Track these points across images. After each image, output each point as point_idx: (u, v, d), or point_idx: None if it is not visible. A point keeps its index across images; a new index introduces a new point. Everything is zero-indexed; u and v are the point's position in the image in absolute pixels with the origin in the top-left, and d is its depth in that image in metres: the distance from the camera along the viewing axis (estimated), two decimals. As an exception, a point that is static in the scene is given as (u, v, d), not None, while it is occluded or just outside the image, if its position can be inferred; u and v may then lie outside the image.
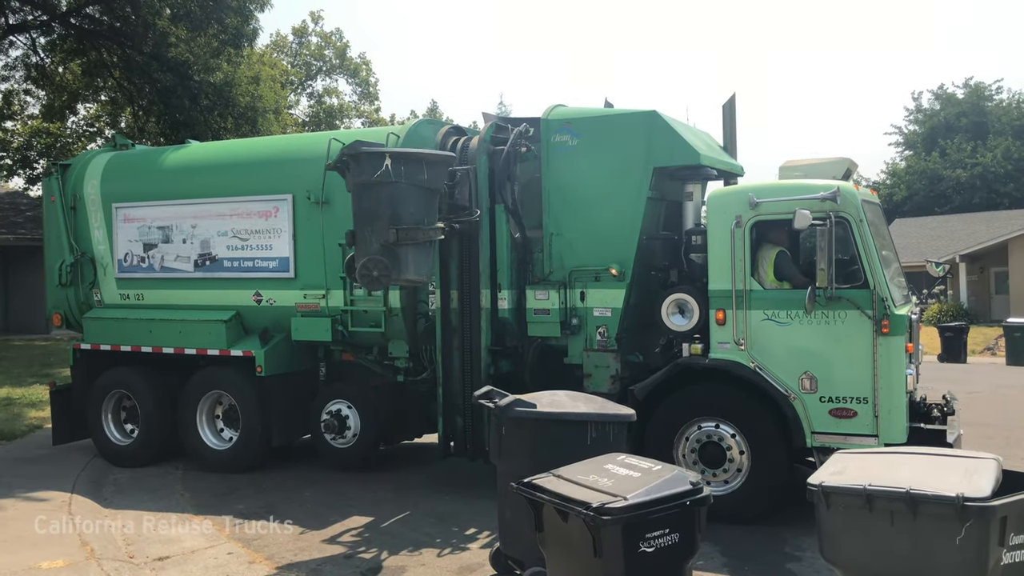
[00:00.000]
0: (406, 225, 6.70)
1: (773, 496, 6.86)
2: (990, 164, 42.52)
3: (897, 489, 3.26)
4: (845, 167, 7.57)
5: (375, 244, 6.74)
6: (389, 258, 6.74)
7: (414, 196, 6.76)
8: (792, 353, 6.75)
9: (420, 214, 6.84)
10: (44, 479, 8.54)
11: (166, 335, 9.13)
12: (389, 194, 6.66)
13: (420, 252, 6.92)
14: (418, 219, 6.81)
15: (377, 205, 6.69)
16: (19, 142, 30.26)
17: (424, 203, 6.87)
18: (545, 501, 3.97)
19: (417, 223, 6.79)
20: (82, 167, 9.95)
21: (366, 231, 6.78)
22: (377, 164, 6.58)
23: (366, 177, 6.57)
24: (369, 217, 6.75)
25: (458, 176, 7.77)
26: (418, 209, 6.82)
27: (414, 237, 6.76)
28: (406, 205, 6.74)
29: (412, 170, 6.70)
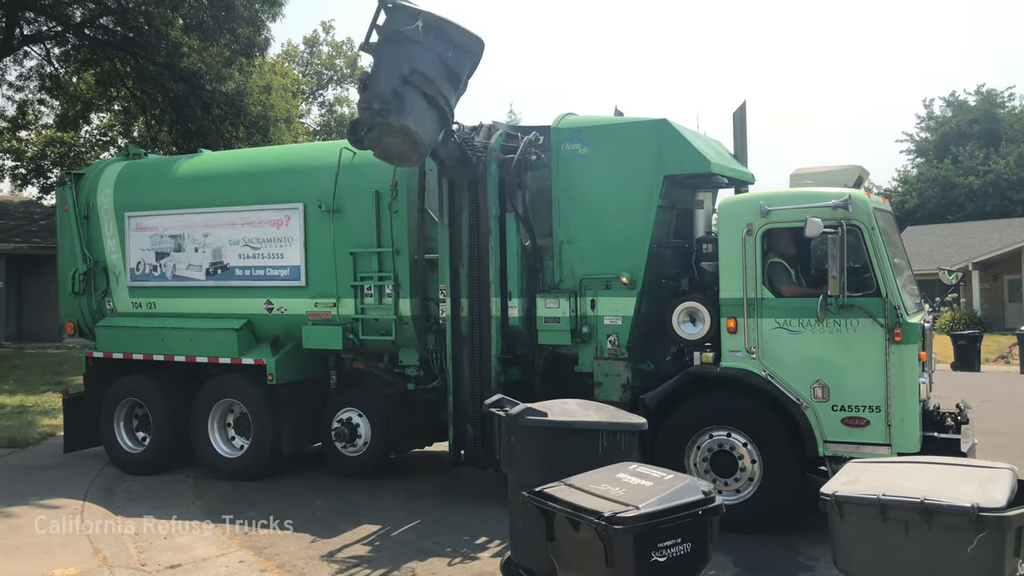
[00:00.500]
0: (422, 69, 6.59)
1: (785, 505, 6.81)
2: (1002, 171, 42.29)
3: (911, 499, 3.23)
4: (856, 175, 7.54)
5: (384, 88, 6.63)
6: (394, 101, 6.62)
7: (434, 64, 6.68)
8: (804, 361, 6.72)
9: (435, 74, 6.74)
10: (56, 486, 8.58)
11: (178, 343, 9.17)
12: (409, 51, 6.57)
13: (426, 107, 6.76)
14: (432, 76, 6.72)
15: (395, 58, 6.60)
16: (33, 151, 30.59)
17: (442, 76, 6.78)
18: (556, 510, 3.96)
19: (432, 78, 6.69)
20: (95, 176, 10.02)
21: (378, 77, 6.70)
22: (408, 21, 6.49)
23: (394, 27, 6.51)
24: (385, 67, 6.66)
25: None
26: (434, 70, 6.72)
27: (424, 86, 6.63)
28: (423, 66, 6.65)
29: (440, 41, 6.63)
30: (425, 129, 6.85)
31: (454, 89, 7.02)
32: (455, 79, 6.96)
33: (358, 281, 8.43)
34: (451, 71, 6.88)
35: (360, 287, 8.43)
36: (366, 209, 8.33)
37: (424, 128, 6.83)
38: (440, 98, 6.83)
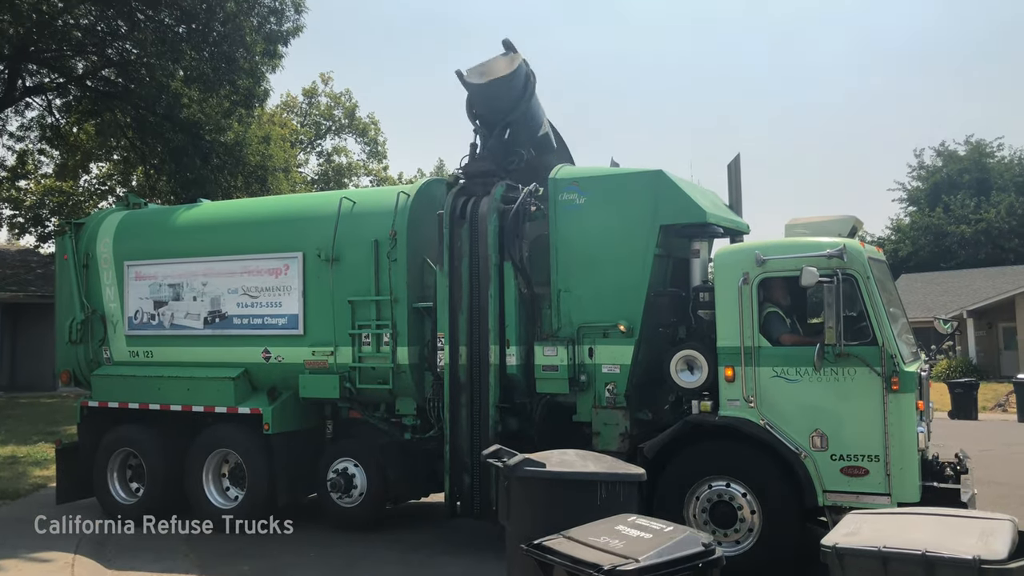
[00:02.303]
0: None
1: (785, 557, 6.75)
2: (994, 220, 42.69)
3: (913, 551, 3.22)
4: (851, 224, 7.63)
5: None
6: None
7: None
8: (802, 410, 6.72)
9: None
10: (47, 539, 8.44)
11: (174, 392, 9.13)
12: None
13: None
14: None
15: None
16: (32, 200, 30.72)
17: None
18: (555, 563, 3.92)
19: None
20: (95, 226, 10.08)
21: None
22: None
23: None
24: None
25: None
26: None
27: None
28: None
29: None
30: (519, 73, 8.21)
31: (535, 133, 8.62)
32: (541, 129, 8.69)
33: (356, 329, 8.44)
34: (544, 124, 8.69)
35: (358, 335, 8.44)
36: (365, 257, 8.39)
37: (517, 73, 8.20)
38: (531, 88, 8.47)
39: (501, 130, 8.48)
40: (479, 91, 8.33)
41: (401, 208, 8.34)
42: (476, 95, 8.44)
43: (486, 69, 8.26)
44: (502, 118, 8.44)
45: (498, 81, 8.19)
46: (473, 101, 8.55)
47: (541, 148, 8.86)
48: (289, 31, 23.03)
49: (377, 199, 8.87)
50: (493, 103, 8.41)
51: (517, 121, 8.52)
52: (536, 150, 8.80)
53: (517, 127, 8.57)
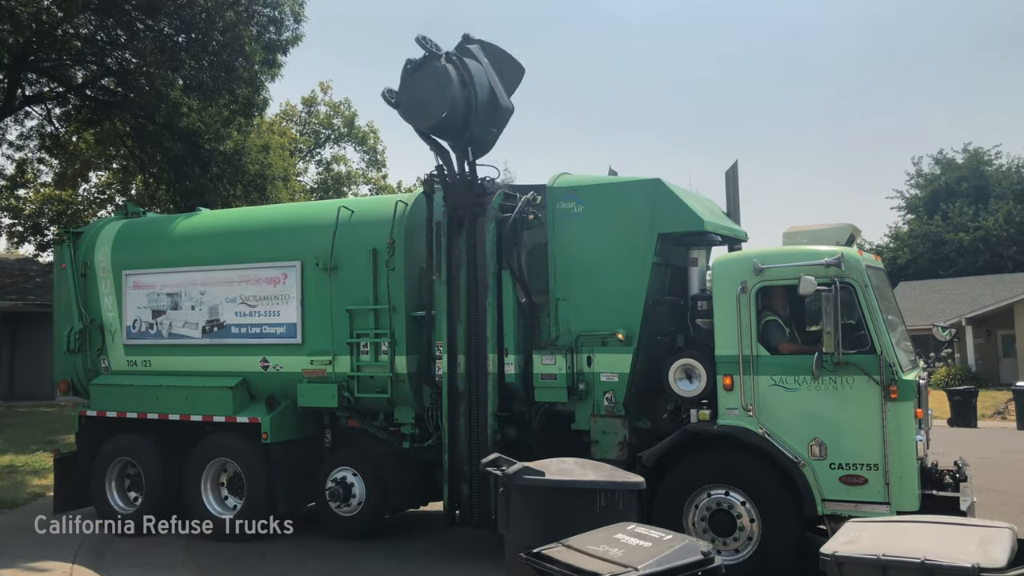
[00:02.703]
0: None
1: (785, 565, 6.74)
2: (992, 228, 42.79)
3: (912, 559, 3.21)
4: (848, 233, 7.65)
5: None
6: (444, 59, 7.49)
7: (479, 76, 7.62)
8: (801, 419, 6.72)
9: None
10: (46, 548, 8.42)
11: (172, 401, 9.12)
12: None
13: (458, 83, 7.54)
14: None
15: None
16: (31, 209, 30.73)
17: (484, 86, 7.64)
18: (555, 572, 3.91)
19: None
20: (94, 235, 10.09)
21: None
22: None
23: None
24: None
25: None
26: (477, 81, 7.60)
27: (463, 71, 7.48)
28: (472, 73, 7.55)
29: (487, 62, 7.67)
30: (449, 94, 7.48)
31: (492, 111, 7.76)
32: (495, 102, 7.74)
33: (354, 338, 8.44)
34: (494, 92, 7.65)
35: (356, 344, 8.44)
36: (363, 266, 8.40)
37: (447, 93, 7.47)
38: (472, 92, 7.53)
39: (463, 153, 8.01)
40: (410, 108, 7.71)
41: (399, 217, 8.35)
42: (410, 115, 7.78)
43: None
44: (459, 136, 7.84)
45: (424, 88, 7.57)
46: (413, 122, 7.85)
47: (500, 116, 7.97)
48: (288, 40, 23.10)
49: (375, 208, 8.88)
50: (434, 117, 7.65)
51: (476, 135, 7.86)
52: (497, 123, 7.98)
53: (478, 133, 7.85)
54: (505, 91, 7.90)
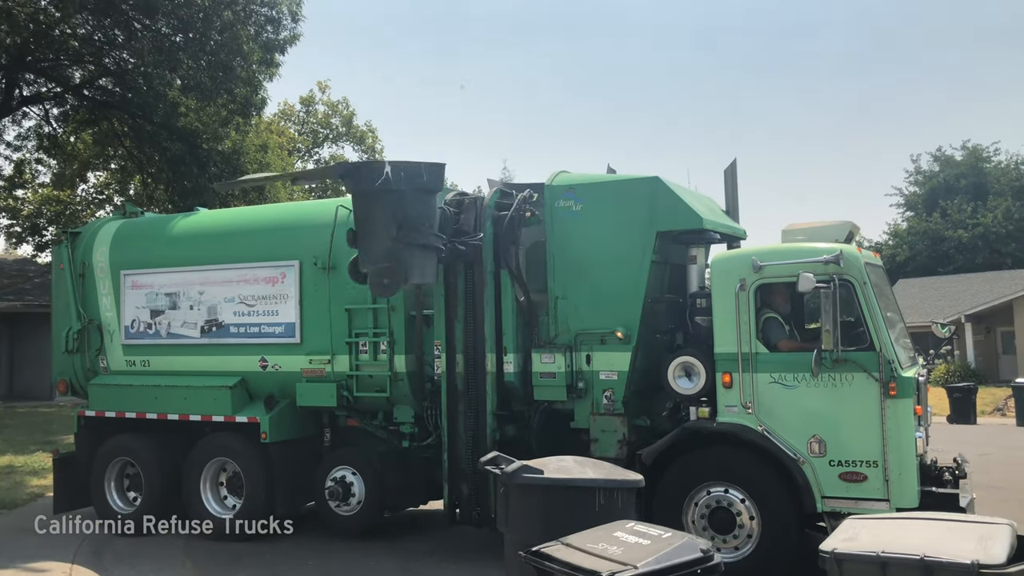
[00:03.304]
0: (409, 226, 6.83)
1: (784, 562, 6.74)
2: (991, 224, 42.80)
3: (911, 556, 3.21)
4: (847, 230, 7.64)
5: (379, 250, 6.86)
6: (395, 264, 6.89)
7: (414, 199, 6.91)
8: (800, 416, 6.71)
9: (421, 216, 6.99)
10: (45, 548, 8.42)
11: (171, 401, 9.11)
12: (390, 203, 6.78)
13: (424, 255, 7.05)
14: (419, 222, 6.96)
15: (380, 212, 6.83)
16: (29, 210, 30.70)
17: (424, 206, 7.03)
18: (554, 570, 3.91)
19: (418, 225, 6.92)
20: (92, 235, 10.08)
21: (368, 239, 6.90)
22: (377, 173, 6.73)
23: (367, 186, 6.70)
24: (372, 224, 6.87)
25: (465, 202, 7.93)
26: (419, 212, 6.98)
27: (415, 238, 6.87)
28: (408, 209, 6.89)
29: (411, 174, 6.84)
30: (428, 272, 7.34)
31: (434, 200, 7.33)
32: (433, 194, 7.30)
33: (353, 338, 8.43)
34: (429, 192, 7.19)
35: (355, 343, 8.43)
36: (362, 266, 8.37)
37: (427, 272, 7.32)
38: (432, 238, 7.16)
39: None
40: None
41: (398, 215, 8.32)
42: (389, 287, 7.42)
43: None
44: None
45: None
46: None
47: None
48: (286, 40, 23.07)
49: None
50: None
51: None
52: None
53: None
54: (433, 185, 7.33)
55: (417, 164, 6.93)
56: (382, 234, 6.82)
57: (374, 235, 6.89)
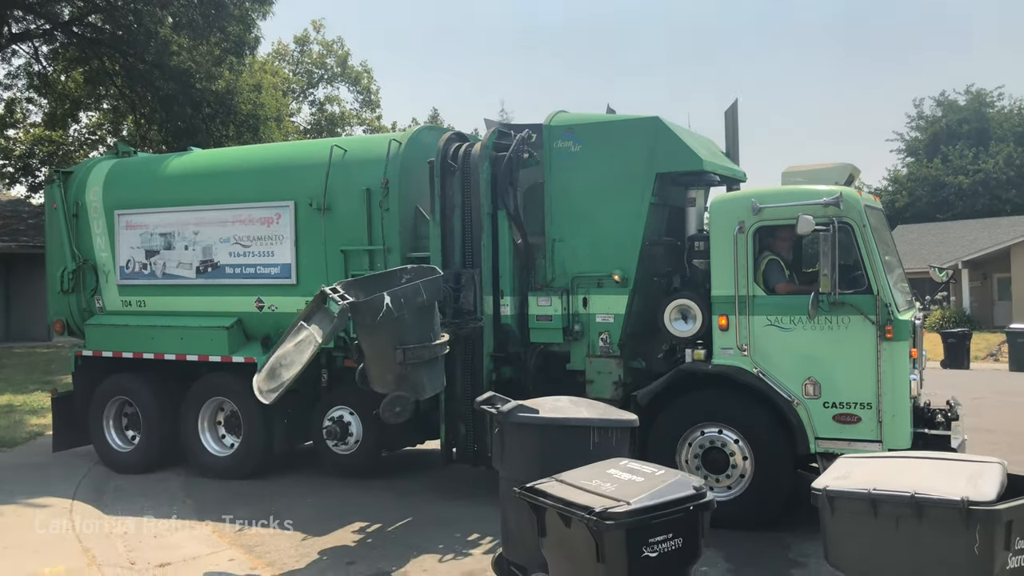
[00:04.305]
0: (413, 346, 6.73)
1: (777, 502, 6.83)
2: (992, 170, 42.53)
3: (902, 493, 3.24)
4: (848, 172, 7.56)
5: (388, 375, 6.82)
6: (405, 388, 6.85)
7: (416, 320, 6.82)
8: (795, 359, 6.73)
9: (425, 333, 6.88)
10: (45, 485, 8.52)
11: (168, 342, 9.12)
12: (392, 329, 6.69)
13: (431, 369, 6.99)
14: (424, 338, 6.85)
15: (384, 343, 6.73)
16: (21, 150, 30.42)
17: (426, 321, 6.93)
18: (548, 506, 3.95)
19: (423, 342, 6.83)
20: (84, 174, 9.96)
21: (375, 364, 6.85)
22: (377, 307, 6.59)
23: (368, 321, 6.62)
24: (379, 353, 6.79)
25: (463, 280, 7.80)
26: (422, 330, 6.88)
27: (421, 356, 6.81)
28: (411, 333, 6.77)
29: (410, 298, 6.74)
30: (438, 383, 7.15)
31: (435, 311, 7.12)
32: (433, 307, 7.07)
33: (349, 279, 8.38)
34: (430, 306, 6.98)
35: (351, 285, 8.38)
36: (357, 207, 8.31)
37: (437, 383, 7.13)
38: (437, 348, 6.96)
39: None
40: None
41: (393, 156, 8.24)
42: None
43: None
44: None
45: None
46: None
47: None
48: (280, -24, 22.58)
49: (368, 147, 8.75)
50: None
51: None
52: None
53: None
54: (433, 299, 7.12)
55: (416, 285, 6.83)
56: (389, 359, 6.76)
57: (381, 360, 6.83)
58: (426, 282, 6.82)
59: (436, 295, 6.99)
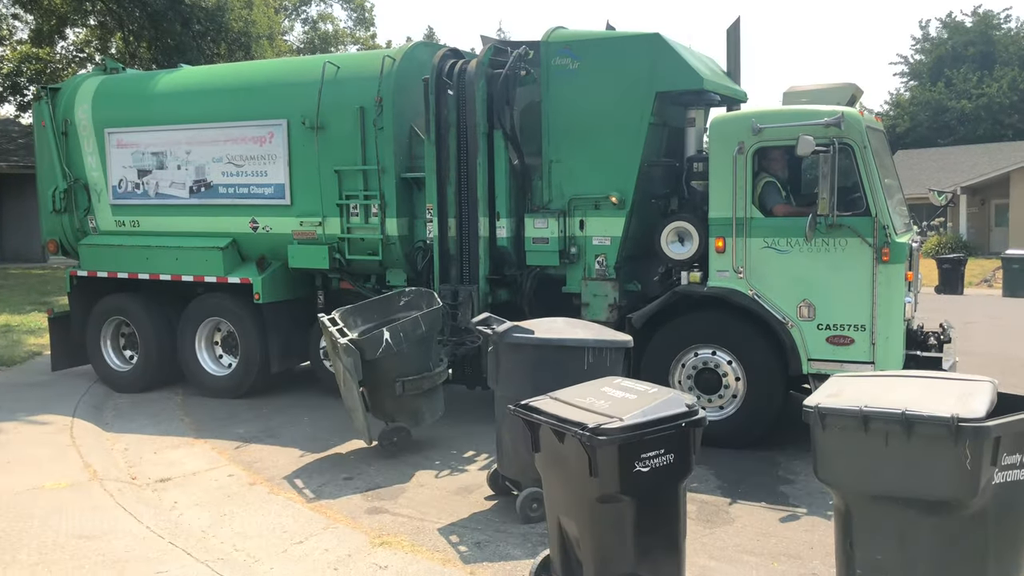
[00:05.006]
0: (412, 377, 6.81)
1: (768, 422, 6.93)
2: (995, 95, 41.96)
3: (893, 411, 3.26)
4: (850, 93, 7.42)
5: (388, 405, 6.87)
6: (402, 417, 6.92)
7: (415, 352, 6.85)
8: (791, 281, 6.73)
9: (423, 363, 6.94)
10: (45, 404, 8.60)
11: (163, 262, 9.10)
12: (392, 363, 6.73)
13: (430, 397, 7.04)
14: (422, 368, 6.91)
15: (383, 375, 6.75)
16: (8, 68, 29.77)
17: (425, 351, 6.97)
18: (542, 422, 3.99)
19: (422, 372, 6.89)
20: (72, 91, 9.76)
21: (376, 395, 6.86)
22: (377, 344, 6.63)
23: (369, 356, 6.63)
24: (378, 385, 6.80)
25: (460, 297, 7.76)
26: (421, 361, 6.93)
27: (421, 386, 6.89)
28: (410, 365, 6.83)
29: (409, 332, 6.76)
30: (437, 409, 7.18)
31: (434, 341, 7.20)
32: (433, 337, 7.15)
33: (343, 200, 8.33)
34: (429, 336, 7.03)
35: (346, 206, 8.33)
36: (351, 125, 8.17)
37: (436, 410, 7.17)
38: (437, 376, 7.07)
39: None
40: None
41: (387, 73, 8.06)
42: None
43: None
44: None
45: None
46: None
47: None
48: None
49: (362, 64, 8.55)
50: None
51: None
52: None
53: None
54: (432, 331, 7.21)
55: (415, 319, 6.82)
56: (388, 390, 6.78)
57: (380, 390, 6.83)
58: (425, 315, 6.90)
59: (435, 326, 7.08)
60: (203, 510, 5.74)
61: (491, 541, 5.15)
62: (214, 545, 5.12)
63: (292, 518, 5.58)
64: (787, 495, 5.96)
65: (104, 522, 5.42)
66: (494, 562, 4.84)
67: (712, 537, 5.20)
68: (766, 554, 4.96)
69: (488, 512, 5.66)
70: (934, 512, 3.29)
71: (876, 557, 3.43)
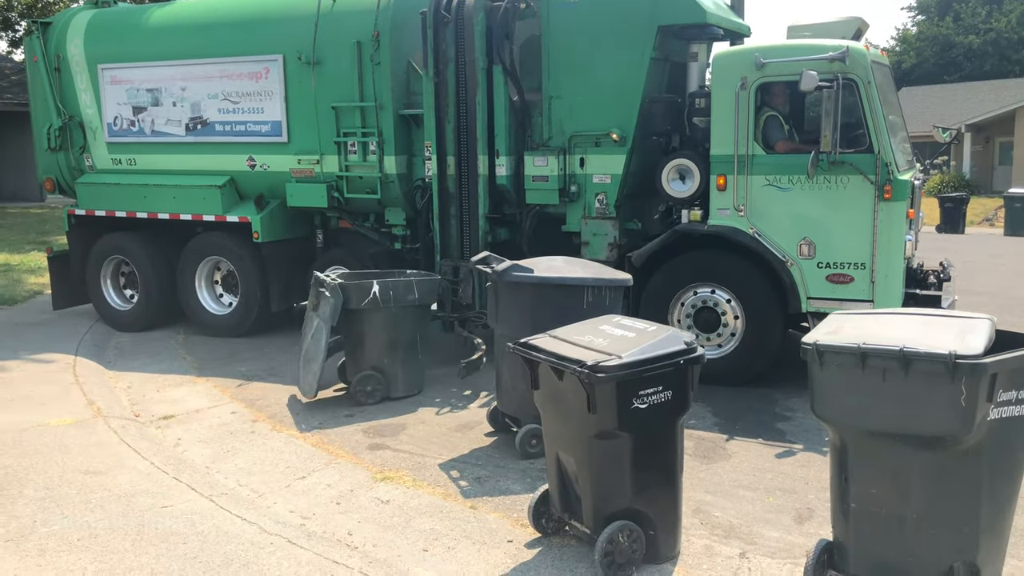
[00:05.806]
0: (399, 344, 6.74)
1: (766, 360, 6.97)
2: (1003, 29, 41.20)
3: (891, 347, 3.27)
4: (856, 27, 7.28)
5: (366, 360, 6.76)
6: (382, 375, 6.78)
7: (403, 316, 6.74)
8: (792, 219, 6.70)
9: (411, 333, 6.84)
10: (48, 342, 8.66)
11: (161, 201, 9.04)
12: (378, 316, 6.62)
13: (412, 369, 6.92)
14: (410, 337, 6.81)
15: (368, 326, 6.66)
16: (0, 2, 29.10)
17: (416, 321, 6.86)
18: (541, 360, 4.01)
19: (410, 342, 6.81)
20: (63, 25, 9.57)
21: (357, 352, 6.77)
22: (364, 293, 6.52)
23: (354, 305, 6.52)
24: (359, 338, 6.72)
25: (461, 273, 7.64)
26: (410, 330, 6.83)
27: (407, 356, 6.82)
28: (395, 327, 6.72)
29: (400, 293, 6.64)
30: (414, 385, 6.96)
31: (427, 314, 7.18)
32: (426, 308, 7.08)
33: (341, 137, 8.24)
34: (421, 306, 6.94)
35: (343, 144, 8.25)
36: (347, 61, 8.04)
37: (413, 385, 6.95)
38: (422, 352, 7.02)
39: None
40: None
41: (384, 7, 7.89)
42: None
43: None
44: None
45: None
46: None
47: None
48: None
49: None
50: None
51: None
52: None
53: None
54: (426, 301, 7.09)
55: (409, 281, 6.68)
56: (370, 344, 6.68)
57: (361, 344, 6.72)
58: (420, 281, 6.80)
59: (428, 297, 6.97)
60: (206, 446, 5.82)
61: (491, 476, 5.23)
62: (218, 480, 5.20)
63: (295, 454, 5.66)
64: (784, 431, 6.03)
65: (109, 458, 5.50)
66: (494, 496, 4.92)
67: (709, 472, 5.28)
68: (762, 488, 5.04)
69: (488, 448, 5.74)
70: (929, 447, 3.33)
71: (871, 491, 3.48)
